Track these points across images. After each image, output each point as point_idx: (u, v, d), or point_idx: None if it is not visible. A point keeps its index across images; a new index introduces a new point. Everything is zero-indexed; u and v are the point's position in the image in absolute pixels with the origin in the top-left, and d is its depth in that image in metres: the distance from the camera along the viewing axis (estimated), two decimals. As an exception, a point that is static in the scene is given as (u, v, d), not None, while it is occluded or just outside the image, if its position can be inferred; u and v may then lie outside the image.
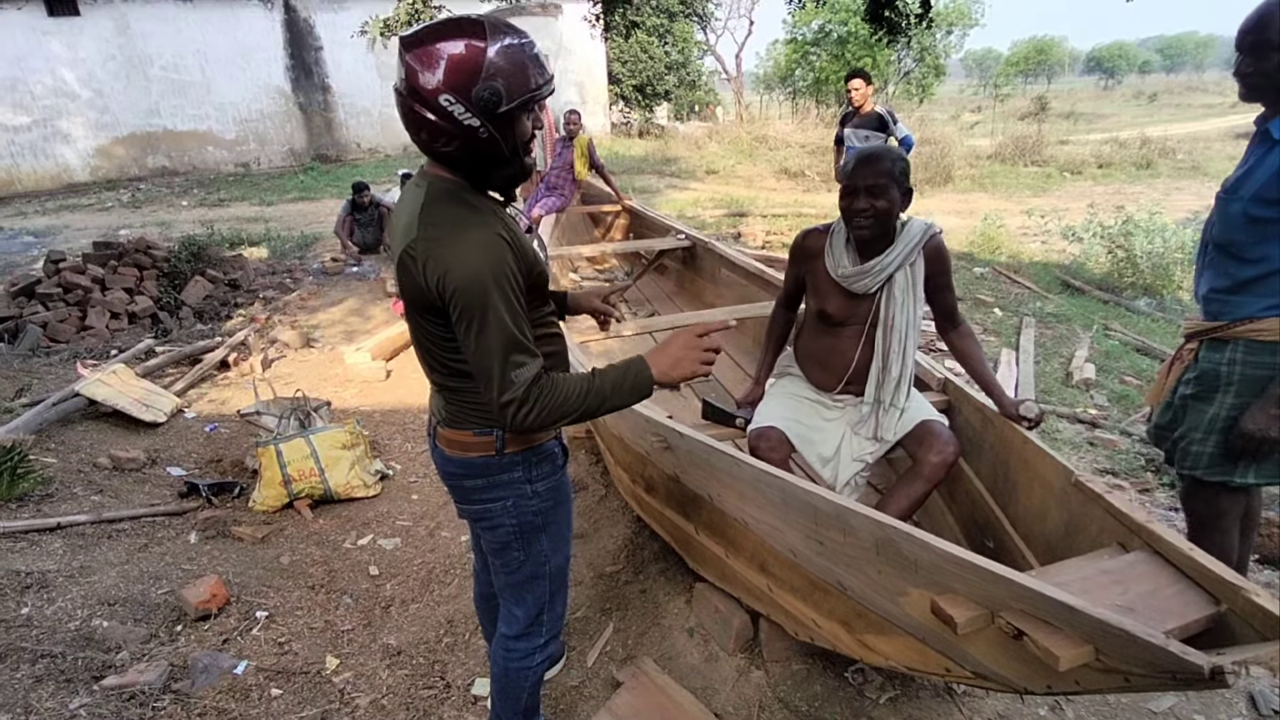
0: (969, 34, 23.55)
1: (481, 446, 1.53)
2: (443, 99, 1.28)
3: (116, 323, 5.74)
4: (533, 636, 1.74)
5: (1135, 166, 15.52)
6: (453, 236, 1.31)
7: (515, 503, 1.58)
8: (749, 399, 2.42)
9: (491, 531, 1.62)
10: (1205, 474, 2.04)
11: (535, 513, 1.61)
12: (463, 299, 1.29)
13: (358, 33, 9.16)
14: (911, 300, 2.08)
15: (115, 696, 2.20)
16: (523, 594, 1.70)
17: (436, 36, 1.27)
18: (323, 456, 3.48)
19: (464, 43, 1.27)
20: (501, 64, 1.28)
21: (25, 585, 2.65)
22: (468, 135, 1.32)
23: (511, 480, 1.56)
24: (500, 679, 1.79)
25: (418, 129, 1.34)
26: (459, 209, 1.36)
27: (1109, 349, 5.19)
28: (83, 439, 3.88)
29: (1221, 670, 1.01)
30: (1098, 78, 75.43)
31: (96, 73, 14.11)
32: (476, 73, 1.27)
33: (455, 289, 1.29)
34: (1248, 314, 1.90)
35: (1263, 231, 1.82)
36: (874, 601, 1.54)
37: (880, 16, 6.78)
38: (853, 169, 2.00)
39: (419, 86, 1.28)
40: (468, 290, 1.29)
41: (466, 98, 1.28)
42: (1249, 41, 1.79)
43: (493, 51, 1.27)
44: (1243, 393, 1.93)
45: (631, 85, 21.23)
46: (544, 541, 1.65)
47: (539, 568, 1.67)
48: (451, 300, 1.30)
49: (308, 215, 10.76)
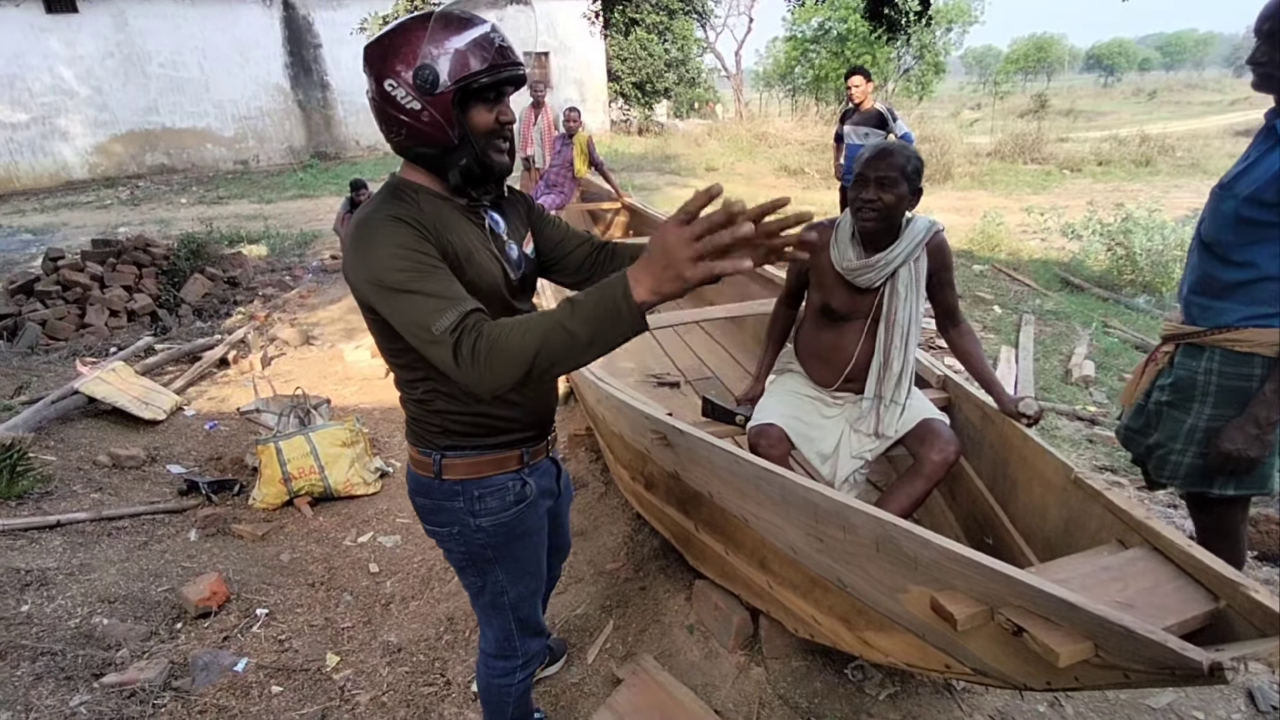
0: (969, 31, 23.59)
1: (424, 466, 1.49)
2: (387, 84, 1.29)
3: (115, 320, 5.74)
4: (509, 657, 1.71)
5: (1135, 164, 15.52)
6: (355, 234, 1.29)
7: (460, 531, 1.52)
8: (749, 396, 2.42)
9: (447, 554, 1.59)
10: (1183, 485, 1.99)
11: (483, 545, 1.53)
12: (371, 289, 1.25)
13: (356, 29, 9.16)
14: (914, 296, 2.08)
15: (116, 694, 2.20)
16: (489, 617, 1.67)
17: (389, 30, 1.31)
18: (322, 454, 3.48)
19: (408, 31, 1.28)
20: (442, 46, 1.27)
21: (25, 583, 2.65)
22: (412, 118, 1.30)
23: (453, 509, 1.50)
24: (485, 691, 1.78)
25: (377, 119, 1.35)
26: (380, 201, 1.33)
27: (1108, 346, 5.19)
28: (82, 437, 3.88)
29: (1220, 666, 1.01)
30: (1097, 75, 75.41)
31: (95, 70, 14.09)
32: (414, 55, 1.27)
33: (363, 282, 1.26)
34: (1226, 322, 1.83)
35: (1252, 234, 1.75)
36: (874, 598, 1.54)
37: (880, 14, 6.79)
38: (867, 159, 2.00)
39: (370, 74, 1.31)
40: (370, 282, 1.24)
41: (407, 81, 1.28)
42: (1267, 27, 1.70)
43: (434, 34, 1.28)
44: (1220, 404, 1.87)
45: (631, 82, 21.20)
46: (499, 574, 1.58)
47: (497, 598, 1.61)
48: (367, 293, 1.26)
49: (307, 213, 10.75)
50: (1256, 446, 1.78)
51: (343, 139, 17.11)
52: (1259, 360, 1.80)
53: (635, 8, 18.31)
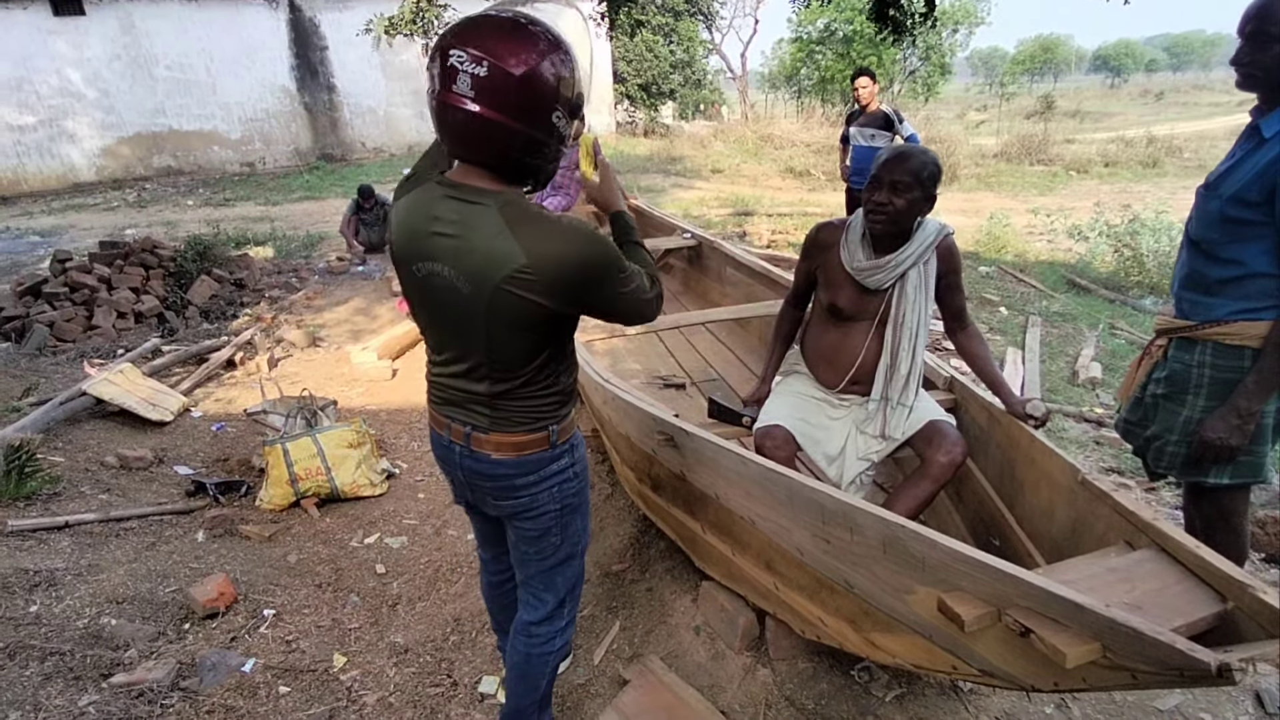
0: (975, 33, 23.52)
1: (536, 444, 1.57)
2: (555, 116, 1.32)
3: (123, 322, 5.76)
4: (555, 620, 1.81)
5: (1142, 165, 15.47)
6: (555, 230, 1.34)
7: (560, 487, 1.64)
8: (755, 397, 2.42)
9: (533, 521, 1.66)
10: (1181, 475, 2.03)
11: (575, 493, 1.68)
12: (598, 265, 1.37)
13: (362, 31, 9.18)
14: (923, 298, 2.08)
15: (124, 694, 2.21)
16: (554, 577, 1.77)
17: (526, 50, 1.27)
18: (329, 455, 3.49)
19: (552, 54, 1.29)
20: (573, 68, 1.33)
21: (34, 583, 2.66)
22: (560, 142, 1.36)
23: (560, 468, 1.63)
24: (521, 666, 1.82)
25: (507, 144, 1.32)
26: (538, 211, 1.37)
27: (1115, 348, 5.18)
28: (90, 438, 3.89)
29: (1228, 667, 1.01)
30: (1104, 76, 75.23)
31: (102, 72, 14.14)
32: (570, 84, 1.32)
33: (586, 261, 1.35)
34: (1216, 316, 1.87)
35: (1238, 232, 1.79)
36: (881, 600, 1.55)
37: (885, 15, 6.77)
38: (884, 161, 2.01)
39: (529, 106, 1.29)
40: (599, 255, 1.37)
41: (567, 107, 1.33)
42: (1249, 29, 1.76)
43: (571, 57, 1.32)
44: (1213, 396, 1.91)
45: (636, 84, 21.20)
46: (578, 521, 1.74)
47: (574, 548, 1.76)
48: (595, 270, 1.37)
49: (313, 215, 10.78)
50: (1238, 435, 1.83)
51: (349, 141, 17.14)
52: (1250, 353, 1.84)
53: (641, 9, 18.31)
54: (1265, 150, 1.74)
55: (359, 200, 7.91)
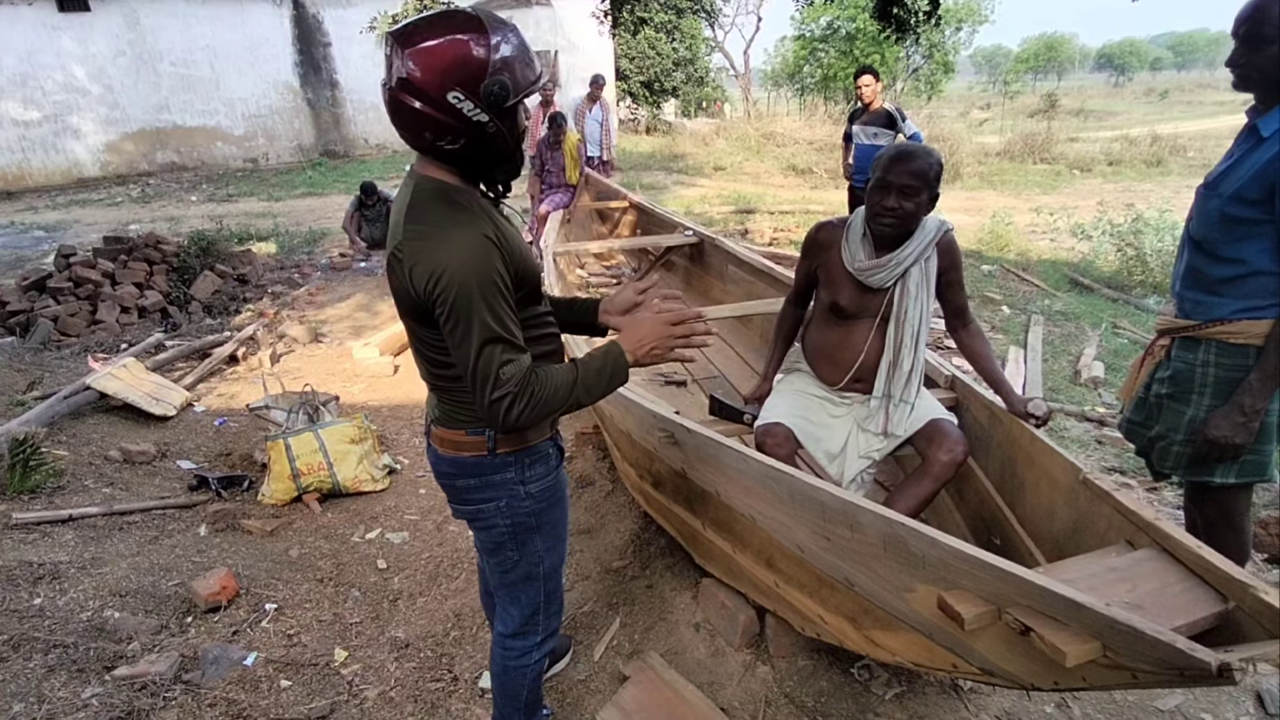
0: (978, 31, 23.54)
1: (473, 446, 1.52)
2: (451, 96, 1.27)
3: (127, 317, 5.77)
4: (529, 635, 1.75)
5: (1146, 164, 15.43)
6: (439, 237, 1.31)
7: (508, 503, 1.57)
8: (756, 395, 2.42)
9: (485, 531, 1.63)
10: (1185, 475, 2.03)
11: (529, 513, 1.60)
12: (448, 301, 1.30)
13: (365, 28, 9.18)
14: (925, 295, 2.08)
15: (127, 686, 2.22)
16: (517, 593, 1.71)
17: (435, 32, 1.27)
18: (331, 451, 3.50)
19: (468, 38, 1.27)
20: (507, 58, 1.29)
21: (38, 576, 2.67)
22: (476, 131, 1.32)
23: (504, 481, 1.55)
24: (500, 676, 1.80)
25: (420, 127, 1.33)
26: (445, 209, 1.35)
27: (1117, 347, 5.17)
28: (94, 432, 3.91)
29: (1229, 667, 1.01)
30: (1108, 75, 75.07)
31: (107, 68, 14.15)
32: (484, 68, 1.27)
33: (441, 291, 1.29)
34: (1219, 315, 1.87)
35: (1238, 231, 1.79)
36: (881, 597, 1.55)
37: (889, 13, 6.75)
38: (888, 163, 1.98)
39: (423, 84, 1.27)
40: (453, 292, 1.29)
41: (475, 93, 1.28)
42: (1244, 31, 1.76)
43: (497, 46, 1.28)
44: (1218, 395, 1.91)
45: (639, 81, 21.18)
46: (538, 542, 1.65)
47: (533, 569, 1.67)
48: (438, 302, 1.31)
49: (316, 211, 10.78)
50: (1243, 433, 1.83)
51: (351, 137, 17.14)
52: (1254, 351, 1.84)
53: (644, 7, 18.29)
54: (1264, 149, 1.75)
55: (361, 196, 7.92)
